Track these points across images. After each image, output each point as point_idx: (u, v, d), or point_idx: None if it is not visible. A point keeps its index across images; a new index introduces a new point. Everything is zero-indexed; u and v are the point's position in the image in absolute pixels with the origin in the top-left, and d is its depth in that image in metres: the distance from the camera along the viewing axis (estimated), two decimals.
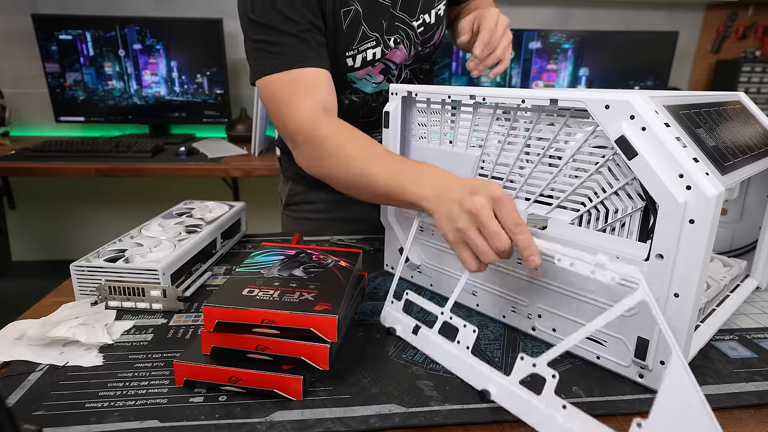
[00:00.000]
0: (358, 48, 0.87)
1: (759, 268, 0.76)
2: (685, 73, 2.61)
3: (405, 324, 0.63)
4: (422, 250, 0.76)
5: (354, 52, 0.87)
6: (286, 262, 0.64)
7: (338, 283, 0.59)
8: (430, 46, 0.96)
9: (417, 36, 0.92)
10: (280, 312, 0.51)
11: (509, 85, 2.34)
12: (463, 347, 0.56)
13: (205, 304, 0.52)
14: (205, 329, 0.53)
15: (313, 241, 0.97)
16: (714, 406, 0.51)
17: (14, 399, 0.52)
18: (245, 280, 0.59)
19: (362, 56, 0.88)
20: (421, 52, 0.95)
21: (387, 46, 0.89)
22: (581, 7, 2.45)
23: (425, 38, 0.94)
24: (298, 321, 0.51)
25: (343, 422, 0.49)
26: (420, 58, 0.96)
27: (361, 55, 0.88)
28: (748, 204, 0.77)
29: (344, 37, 0.84)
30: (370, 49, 0.88)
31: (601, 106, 0.51)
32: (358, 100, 0.95)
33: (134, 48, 2.16)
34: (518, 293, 0.64)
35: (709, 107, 0.61)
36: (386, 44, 0.89)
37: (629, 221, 0.53)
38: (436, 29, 0.95)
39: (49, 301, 0.73)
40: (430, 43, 0.95)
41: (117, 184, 2.50)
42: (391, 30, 0.89)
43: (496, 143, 0.64)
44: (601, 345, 0.57)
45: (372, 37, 0.87)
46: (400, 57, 0.92)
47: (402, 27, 0.89)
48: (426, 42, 0.94)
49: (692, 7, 2.49)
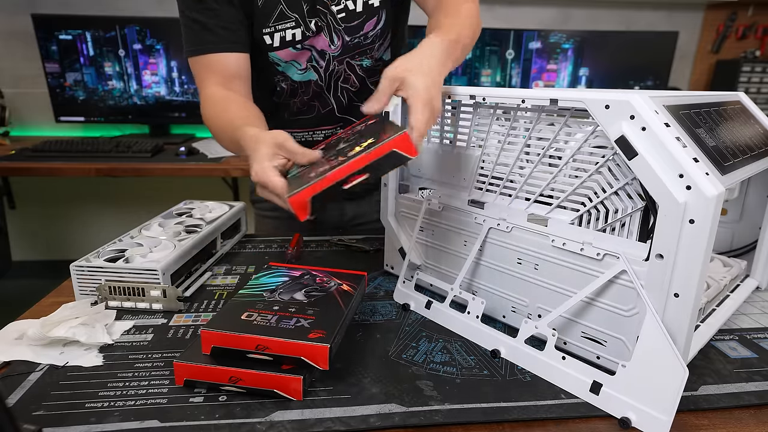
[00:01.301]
0: (275, 26, 0.87)
1: (759, 268, 0.76)
2: (685, 73, 2.61)
3: (418, 300, 0.70)
4: (422, 250, 0.76)
5: (271, 29, 0.87)
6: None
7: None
8: (360, 36, 0.90)
9: (337, 22, 0.88)
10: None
11: (509, 85, 2.34)
12: (473, 317, 0.64)
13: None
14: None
15: (313, 241, 0.97)
16: (714, 406, 0.52)
17: (14, 399, 0.52)
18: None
19: (280, 35, 0.87)
20: (349, 42, 0.90)
21: (309, 28, 0.87)
22: (581, 7, 2.45)
23: (350, 26, 0.89)
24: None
25: (343, 422, 0.49)
26: (350, 48, 0.91)
27: (279, 34, 0.87)
28: (748, 204, 0.77)
29: (260, 13, 0.86)
30: (290, 29, 0.87)
31: (601, 106, 0.51)
32: (287, 87, 0.94)
33: (134, 48, 2.16)
34: (518, 293, 0.64)
35: (709, 107, 0.61)
36: (307, 26, 0.87)
37: (629, 221, 0.53)
38: (367, 19, 0.89)
39: (49, 301, 0.73)
40: (359, 33, 0.90)
41: (117, 184, 2.50)
42: (312, 12, 0.87)
43: (496, 143, 0.64)
44: (601, 345, 0.57)
45: (291, 18, 0.87)
46: (323, 44, 0.90)
47: (322, 10, 0.87)
48: (353, 32, 0.89)
49: (692, 7, 2.49)
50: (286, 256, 0.87)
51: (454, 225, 0.70)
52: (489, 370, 0.57)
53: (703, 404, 0.52)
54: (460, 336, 0.64)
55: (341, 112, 0.98)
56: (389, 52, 0.97)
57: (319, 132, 1.00)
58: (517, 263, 0.63)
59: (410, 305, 0.71)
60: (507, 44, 2.26)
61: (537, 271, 0.61)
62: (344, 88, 0.96)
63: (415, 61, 0.62)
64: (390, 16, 0.92)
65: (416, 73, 0.60)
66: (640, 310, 0.52)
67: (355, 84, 0.95)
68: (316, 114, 0.98)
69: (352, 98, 0.97)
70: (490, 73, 2.31)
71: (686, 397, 0.52)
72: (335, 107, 0.97)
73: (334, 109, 0.97)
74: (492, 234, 0.65)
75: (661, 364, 0.48)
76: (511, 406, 0.51)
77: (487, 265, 0.67)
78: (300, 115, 0.98)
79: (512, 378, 0.56)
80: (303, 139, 1.00)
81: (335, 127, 0.99)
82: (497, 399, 0.52)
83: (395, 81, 0.60)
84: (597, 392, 0.52)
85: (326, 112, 0.97)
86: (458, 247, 0.70)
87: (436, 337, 0.64)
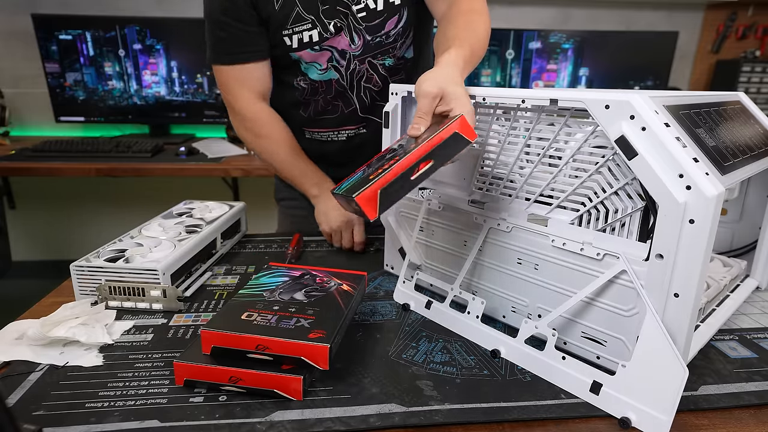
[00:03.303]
0: (293, 29, 0.88)
1: (759, 268, 0.76)
2: (685, 73, 2.60)
3: (417, 300, 0.70)
4: (422, 250, 0.76)
5: (289, 32, 0.89)
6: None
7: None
8: (382, 35, 0.91)
9: (358, 22, 0.88)
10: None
11: (509, 85, 2.34)
12: (473, 317, 0.63)
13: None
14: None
15: (313, 241, 0.97)
16: (714, 406, 0.52)
17: (14, 399, 0.52)
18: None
19: (298, 37, 0.89)
20: (371, 41, 0.91)
21: (326, 29, 0.88)
22: (581, 7, 2.45)
23: (371, 26, 0.89)
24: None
25: (343, 422, 0.49)
26: (371, 48, 0.92)
27: (297, 36, 0.89)
28: (748, 204, 0.77)
29: (278, 16, 0.88)
30: (306, 31, 0.88)
31: (601, 106, 0.51)
32: (306, 86, 0.96)
33: (134, 48, 2.16)
34: (518, 293, 0.64)
35: (709, 107, 0.61)
36: (325, 27, 0.88)
37: (629, 221, 0.53)
38: (388, 17, 0.89)
39: (49, 301, 0.73)
40: (380, 32, 0.90)
41: (117, 184, 2.50)
42: (331, 13, 0.88)
43: (496, 143, 0.64)
44: (601, 345, 0.57)
45: (307, 19, 0.88)
46: (344, 44, 0.90)
47: (342, 11, 0.88)
48: (374, 31, 0.90)
49: (692, 7, 2.49)
50: (286, 256, 0.87)
51: (454, 225, 0.70)
52: (489, 370, 0.57)
53: (703, 404, 0.52)
54: (460, 336, 0.64)
55: (364, 111, 0.99)
56: (411, 50, 0.97)
57: (343, 132, 1.01)
58: (517, 263, 0.63)
59: (410, 305, 0.71)
60: (507, 44, 2.26)
61: (537, 271, 0.61)
62: (366, 88, 0.97)
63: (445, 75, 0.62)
64: (411, 14, 0.92)
65: (452, 84, 0.60)
66: (640, 310, 0.52)
67: (378, 83, 0.96)
68: (340, 114, 0.98)
69: (375, 98, 0.98)
70: (490, 73, 2.31)
71: (686, 397, 0.52)
72: (358, 107, 0.98)
73: (357, 109, 0.99)
74: (492, 234, 0.65)
75: (661, 364, 0.48)
76: (511, 406, 0.51)
77: (487, 265, 0.67)
78: (324, 115, 0.99)
79: (512, 378, 0.56)
80: (328, 138, 1.02)
81: (358, 127, 1.01)
82: (497, 399, 0.52)
83: (435, 98, 0.59)
84: (597, 392, 0.52)
85: (349, 111, 0.98)
86: (458, 247, 0.70)
87: (436, 337, 0.64)
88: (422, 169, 0.53)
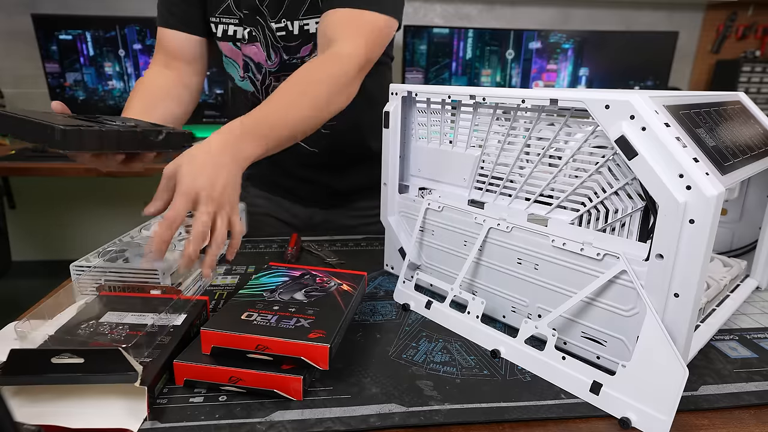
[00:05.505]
0: (220, 18, 0.90)
1: (759, 268, 0.76)
2: (685, 73, 2.61)
3: (418, 300, 0.70)
4: (422, 250, 0.76)
5: (216, 20, 0.90)
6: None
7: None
8: (297, 59, 0.91)
9: (276, 39, 0.88)
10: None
11: (509, 85, 2.34)
12: (473, 317, 0.63)
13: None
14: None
15: (313, 241, 0.97)
16: (714, 406, 0.52)
17: None
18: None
19: (223, 27, 0.90)
20: (287, 61, 0.91)
21: (242, 35, 0.89)
22: (581, 7, 2.45)
23: (290, 46, 0.89)
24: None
25: (343, 422, 0.49)
26: (288, 67, 0.91)
27: (222, 26, 0.90)
28: (748, 204, 0.77)
29: (213, 0, 0.90)
30: (232, 25, 0.90)
31: (601, 106, 0.51)
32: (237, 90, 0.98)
33: (134, 48, 2.16)
34: (518, 293, 0.64)
35: (709, 107, 0.61)
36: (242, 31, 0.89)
37: (629, 221, 0.53)
38: (303, 43, 0.89)
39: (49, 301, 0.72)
40: (296, 55, 0.90)
41: (117, 184, 2.50)
42: (251, 20, 0.88)
43: (496, 143, 0.64)
44: (601, 345, 0.57)
45: (236, 15, 0.89)
46: (258, 56, 0.91)
47: (260, 22, 0.88)
48: (292, 52, 0.90)
49: (692, 7, 2.49)
50: (285, 256, 0.87)
51: (454, 225, 0.70)
52: (489, 370, 0.57)
53: (703, 404, 0.52)
54: (460, 336, 0.64)
55: None
56: None
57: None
58: (517, 263, 0.63)
59: (410, 305, 0.71)
60: (507, 44, 2.26)
61: (537, 271, 0.61)
62: None
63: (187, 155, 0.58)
64: None
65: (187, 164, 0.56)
66: (640, 310, 0.52)
67: None
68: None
69: None
70: (490, 73, 2.31)
71: (686, 397, 0.52)
72: None
73: None
74: (492, 234, 0.65)
75: (661, 364, 0.48)
76: (511, 406, 0.51)
77: (487, 265, 0.67)
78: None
79: (512, 378, 0.56)
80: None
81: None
82: (497, 399, 0.52)
83: (171, 178, 0.57)
84: (597, 392, 0.52)
85: None
86: (458, 247, 0.70)
87: (436, 337, 0.64)
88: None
